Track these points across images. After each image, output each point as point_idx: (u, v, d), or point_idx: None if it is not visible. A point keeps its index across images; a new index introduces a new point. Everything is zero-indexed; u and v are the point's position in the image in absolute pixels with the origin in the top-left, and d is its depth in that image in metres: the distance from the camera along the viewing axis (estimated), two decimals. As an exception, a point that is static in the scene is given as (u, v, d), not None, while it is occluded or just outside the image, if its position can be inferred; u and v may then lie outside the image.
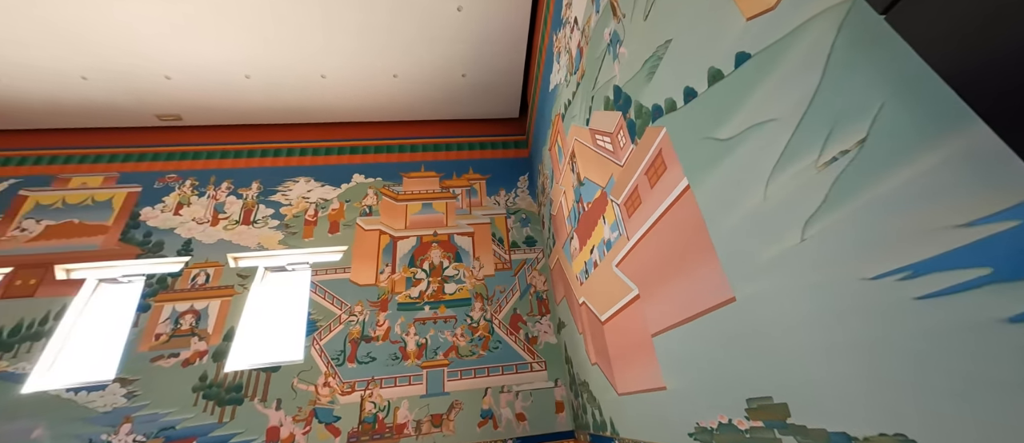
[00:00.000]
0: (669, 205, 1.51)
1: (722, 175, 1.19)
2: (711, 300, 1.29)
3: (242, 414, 3.19)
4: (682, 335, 1.49)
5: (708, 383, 1.35)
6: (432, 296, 3.85)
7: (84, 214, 4.00)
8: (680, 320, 1.50)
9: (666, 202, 1.53)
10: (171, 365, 3.35)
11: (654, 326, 1.71)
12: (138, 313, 3.55)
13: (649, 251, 1.71)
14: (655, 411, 1.79)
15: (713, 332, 1.30)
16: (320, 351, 3.50)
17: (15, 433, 2.99)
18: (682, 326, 1.48)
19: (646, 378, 1.83)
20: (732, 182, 1.15)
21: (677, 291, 1.50)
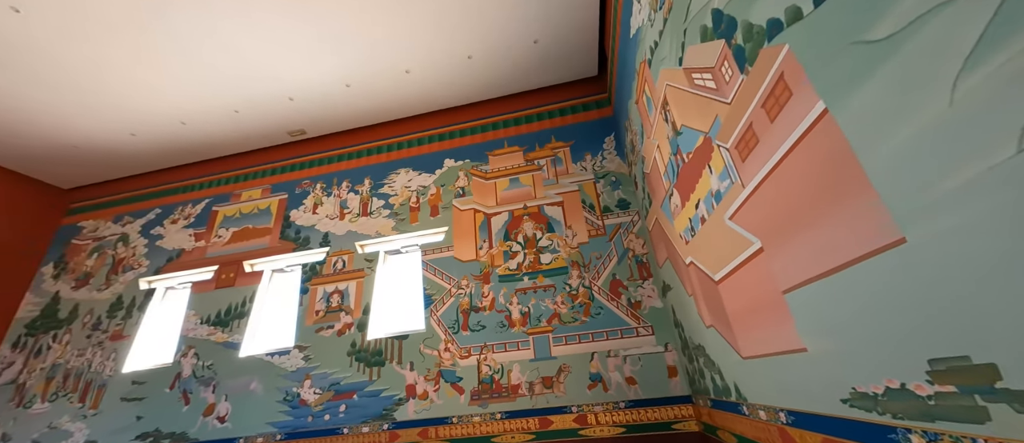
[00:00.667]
0: (798, 138, 1.27)
1: (877, 88, 0.95)
2: (868, 245, 1.07)
3: (385, 374, 3.80)
4: (826, 289, 1.28)
5: (867, 342, 1.14)
6: (529, 267, 3.98)
7: (254, 220, 5.08)
8: (822, 272, 1.28)
9: (793, 135, 1.29)
10: (329, 335, 4.13)
11: (785, 281, 1.50)
12: (301, 294, 4.43)
13: (773, 196, 1.48)
14: (792, 376, 1.59)
15: (872, 283, 1.08)
16: (438, 321, 3.93)
17: (240, 385, 4.06)
18: (825, 279, 1.27)
19: (778, 340, 1.63)
20: (894, 93, 0.91)
21: (815, 239, 1.28)
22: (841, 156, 1.11)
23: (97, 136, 4.96)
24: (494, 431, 3.38)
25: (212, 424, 3.94)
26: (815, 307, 1.36)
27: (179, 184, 5.64)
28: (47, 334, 4.89)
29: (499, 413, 3.43)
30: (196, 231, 5.19)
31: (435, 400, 3.60)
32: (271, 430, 3.79)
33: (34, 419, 4.38)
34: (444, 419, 3.51)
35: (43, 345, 4.82)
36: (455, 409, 3.52)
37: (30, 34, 3.59)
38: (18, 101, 4.31)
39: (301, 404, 3.85)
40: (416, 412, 3.59)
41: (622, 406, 3.24)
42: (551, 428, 3.30)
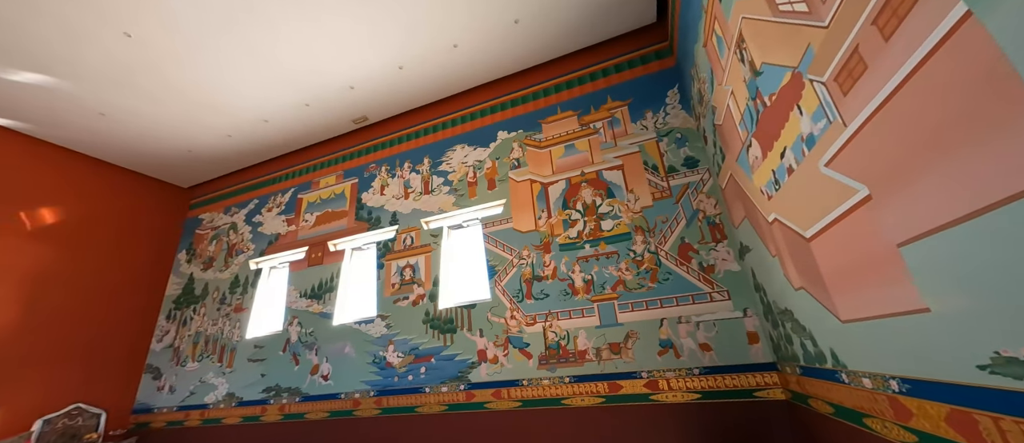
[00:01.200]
0: (926, 56, 1.04)
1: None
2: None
3: (458, 340, 4.07)
4: (960, 238, 1.07)
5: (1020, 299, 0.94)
6: (590, 234, 3.90)
7: (332, 204, 5.59)
8: (955, 219, 1.07)
9: (918, 54, 1.06)
10: (405, 305, 4.49)
11: (901, 233, 1.28)
12: (378, 269, 4.85)
13: (885, 134, 1.25)
14: (908, 339, 1.39)
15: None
16: (502, 290, 4.07)
17: (337, 349, 4.63)
18: (960, 225, 1.06)
19: (890, 300, 1.42)
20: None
21: (946, 179, 1.06)
22: (991, 72, 0.89)
23: (202, 140, 5.74)
24: (564, 393, 3.48)
25: (318, 381, 4.57)
26: (943, 260, 1.15)
27: (269, 177, 6.36)
28: (189, 307, 5.98)
29: (567, 377, 3.51)
30: (287, 217, 5.87)
31: (505, 364, 3.79)
32: (365, 387, 4.31)
33: (189, 375, 5.45)
34: (515, 381, 3.68)
35: (187, 316, 5.91)
36: (525, 373, 3.68)
37: (141, 56, 4.18)
38: (140, 117, 5.11)
39: (387, 366, 4.30)
40: (488, 375, 3.81)
41: (696, 372, 3.13)
42: (621, 392, 3.30)
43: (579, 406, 3.39)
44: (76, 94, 4.62)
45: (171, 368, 5.64)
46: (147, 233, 6.34)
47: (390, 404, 4.13)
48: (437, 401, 3.93)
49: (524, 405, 3.59)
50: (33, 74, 4.29)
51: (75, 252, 5.46)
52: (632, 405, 3.24)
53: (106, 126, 5.22)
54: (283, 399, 4.67)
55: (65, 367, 5.10)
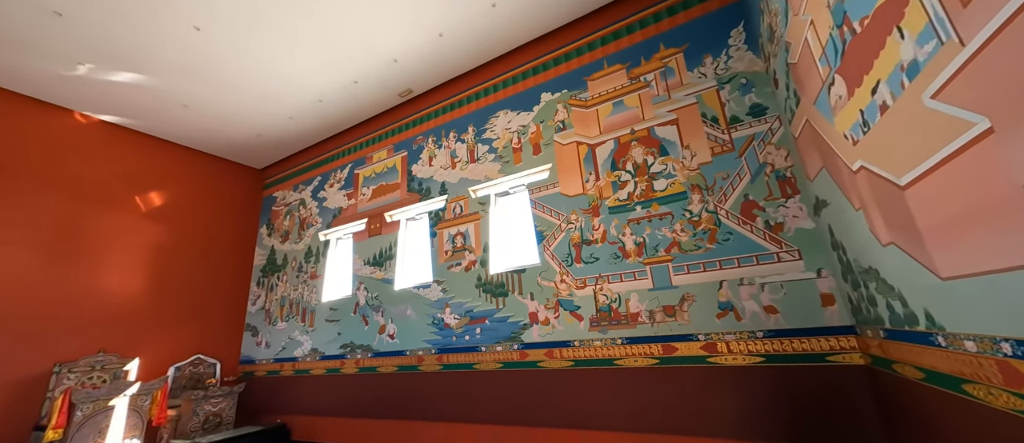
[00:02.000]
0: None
1: None
2: None
3: (510, 303, 4.21)
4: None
5: None
6: (641, 196, 3.74)
7: (386, 178, 5.88)
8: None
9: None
10: (458, 271, 4.70)
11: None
12: (431, 238, 5.09)
13: (1016, 51, 1.02)
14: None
15: None
16: (552, 255, 4.09)
17: (400, 311, 5.02)
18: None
19: (1009, 251, 1.21)
20: None
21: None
22: None
23: (267, 124, 6.24)
24: (615, 354, 3.50)
25: (386, 340, 5.03)
26: (1092, 202, 0.94)
27: (328, 154, 6.80)
28: (273, 275, 6.77)
29: (619, 339, 3.52)
30: (347, 192, 6.29)
31: (556, 326, 3.87)
32: (427, 346, 4.66)
33: (279, 332, 6.26)
34: (566, 342, 3.77)
35: (273, 283, 6.71)
36: (576, 334, 3.74)
37: (208, 48, 4.55)
38: (215, 106, 5.64)
39: (446, 327, 4.59)
40: (540, 336, 3.94)
41: (759, 336, 2.97)
42: (676, 354, 3.25)
43: (632, 367, 3.41)
44: (162, 88, 5.19)
45: (265, 327, 6.51)
46: (232, 211, 7.17)
47: (450, 361, 4.45)
48: (493, 359, 4.16)
49: (576, 365, 3.68)
50: (129, 73, 4.87)
51: (180, 229, 6.35)
52: (687, 367, 3.19)
53: (190, 116, 5.85)
54: (358, 354, 5.23)
55: (186, 325, 6.10)
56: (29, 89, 5.04)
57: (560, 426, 3.61)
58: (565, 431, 3.57)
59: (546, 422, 3.69)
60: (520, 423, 3.83)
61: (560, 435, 3.59)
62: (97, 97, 5.27)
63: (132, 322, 5.56)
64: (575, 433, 3.52)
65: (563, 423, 3.61)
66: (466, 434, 4.10)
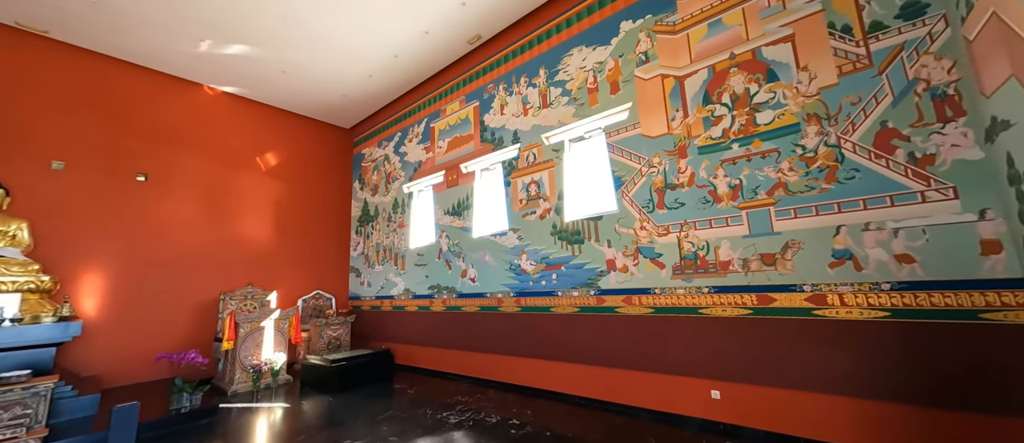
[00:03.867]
0: None
1: None
2: None
3: (586, 249, 4.20)
4: None
5: None
6: (739, 132, 3.29)
7: (459, 130, 6.00)
8: None
9: None
10: (533, 219, 4.77)
11: None
12: (505, 187, 5.18)
13: None
14: None
15: None
16: (631, 201, 3.91)
17: (479, 257, 5.33)
18: None
19: None
20: None
21: None
22: None
23: (350, 84, 6.66)
24: (701, 303, 3.34)
25: (468, 283, 5.44)
26: None
27: (406, 110, 7.11)
28: (368, 225, 7.60)
29: (706, 287, 3.33)
30: (425, 145, 6.59)
31: (635, 273, 3.78)
32: (505, 289, 4.94)
33: (377, 274, 7.14)
34: (646, 289, 3.69)
35: (368, 232, 7.55)
36: (656, 282, 3.63)
37: (300, 13, 4.87)
38: (306, 69, 6.15)
39: (522, 272, 4.78)
40: (618, 282, 3.90)
41: (885, 288, 2.57)
42: (773, 305, 2.99)
43: (719, 316, 3.23)
44: (265, 57, 5.78)
45: (365, 269, 7.46)
46: (331, 169, 8.03)
47: (527, 303, 4.68)
48: (569, 303, 4.27)
49: (656, 312, 3.61)
50: (238, 46, 5.48)
51: (292, 186, 7.34)
52: (786, 319, 2.92)
53: (288, 81, 6.49)
54: (444, 295, 5.76)
55: (306, 266, 7.26)
56: (171, 68, 6.00)
57: (639, 368, 3.66)
58: (644, 374, 3.62)
59: (623, 363, 3.77)
60: (597, 363, 3.96)
61: (639, 377, 3.65)
62: (218, 70, 6.09)
63: (267, 262, 6.77)
64: (655, 376, 3.54)
65: (641, 365, 3.64)
66: (544, 369, 4.39)
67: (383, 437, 3.32)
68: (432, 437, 3.30)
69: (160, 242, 5.70)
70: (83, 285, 5.02)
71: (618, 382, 3.79)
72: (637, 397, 3.65)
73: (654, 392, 3.54)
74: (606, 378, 3.88)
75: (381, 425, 3.63)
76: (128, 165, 5.56)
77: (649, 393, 3.57)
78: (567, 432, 3.29)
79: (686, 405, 3.34)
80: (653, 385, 3.55)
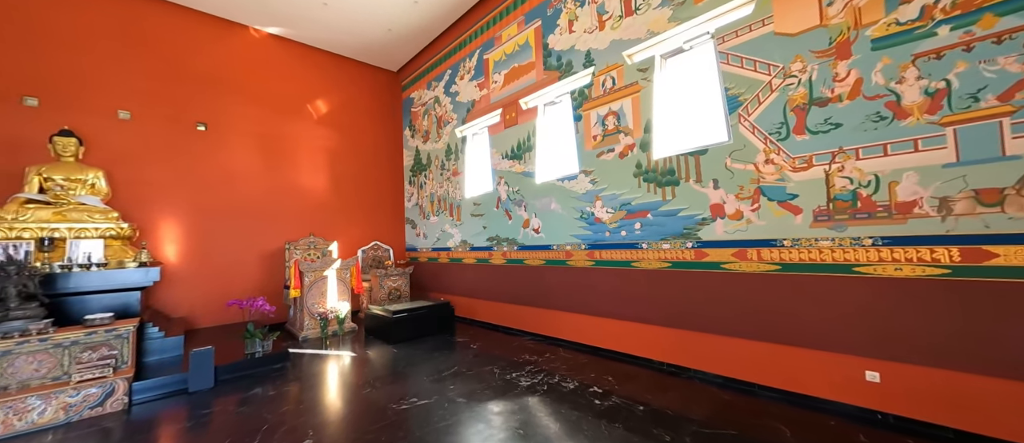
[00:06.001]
0: None
1: None
2: None
3: (682, 193, 3.39)
4: None
5: None
6: (949, 9, 2.19)
7: (518, 58, 5.18)
8: None
9: None
10: (611, 158, 3.99)
11: None
12: (575, 122, 4.38)
13: None
14: None
15: None
16: (751, 127, 2.98)
17: (543, 204, 4.72)
18: None
19: None
20: None
21: None
22: None
23: (394, 14, 5.98)
24: (859, 259, 2.49)
25: (531, 234, 4.90)
26: None
27: (456, 43, 6.35)
28: (421, 174, 7.24)
29: (867, 238, 2.45)
30: (478, 82, 5.88)
31: (754, 220, 2.96)
32: (575, 241, 4.33)
33: (432, 226, 6.86)
34: (770, 241, 2.87)
35: (421, 182, 7.21)
36: (787, 230, 2.79)
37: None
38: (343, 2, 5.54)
39: (596, 221, 4.11)
40: (727, 232, 3.11)
41: None
42: (990, 263, 2.08)
43: (890, 277, 2.37)
44: (306, -11, 5.24)
45: (421, 220, 7.22)
46: (381, 116, 7.65)
47: (602, 257, 4.05)
48: (657, 258, 3.57)
49: (784, 269, 2.81)
50: (276, -24, 4.97)
51: (343, 135, 7.09)
52: (1013, 283, 2.01)
53: (330, 17, 5.97)
54: (503, 247, 5.31)
55: (363, 217, 7.17)
56: (216, 9, 5.70)
57: (752, 337, 2.96)
58: (760, 344, 2.91)
59: (730, 330, 3.08)
60: (693, 328, 3.31)
61: (753, 348, 2.95)
62: (259, 6, 5.69)
63: (326, 212, 6.73)
64: (778, 348, 2.83)
65: (757, 334, 2.94)
66: (623, 331, 3.83)
67: (451, 398, 3.02)
68: (504, 401, 2.93)
69: (225, 191, 5.75)
70: (158, 233, 5.21)
71: (722, 351, 3.13)
72: (750, 371, 2.98)
73: (775, 367, 2.84)
74: (704, 345, 3.24)
75: (447, 383, 3.35)
76: (188, 114, 5.52)
77: (768, 368, 2.88)
78: (662, 405, 2.74)
79: (825, 387, 2.62)
80: (774, 358, 2.85)
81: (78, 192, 4.26)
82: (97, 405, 2.91)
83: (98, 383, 2.93)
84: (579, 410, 2.72)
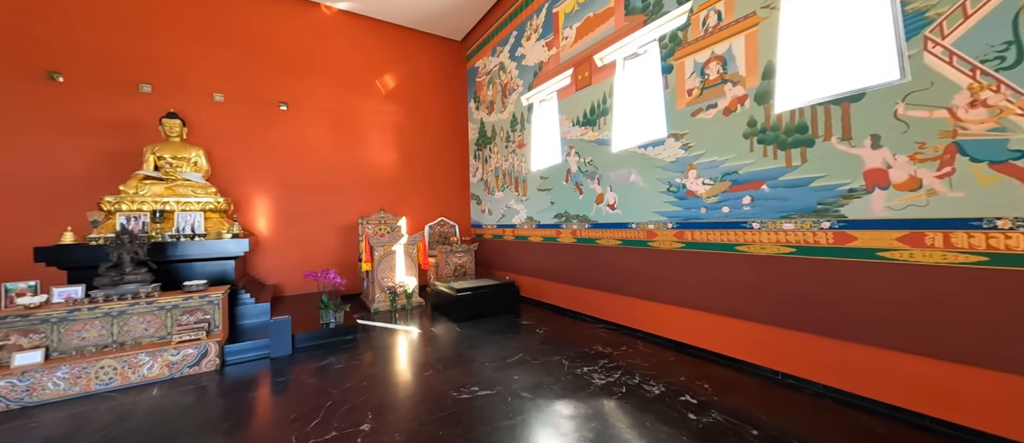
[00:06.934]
0: None
1: None
2: None
3: (818, 156, 2.56)
4: None
5: None
6: None
7: (592, 6, 4.47)
8: None
9: None
10: (712, 115, 3.21)
11: None
12: (664, 76, 3.63)
13: None
14: None
15: None
16: (947, 56, 2.05)
17: (620, 176, 4.09)
18: None
19: None
20: None
21: None
22: None
23: (460, -25, 5.57)
24: None
25: (605, 210, 4.32)
26: None
27: (521, 1, 5.78)
28: (485, 148, 6.95)
29: None
30: (546, 41, 5.28)
31: (940, 190, 2.07)
32: (660, 218, 3.67)
33: (497, 201, 6.57)
34: (968, 221, 1.98)
35: (486, 156, 6.92)
36: (1004, 205, 1.88)
37: None
38: (413, -38, 5.25)
39: (689, 195, 3.40)
40: (891, 208, 2.25)
41: None
42: None
43: None
44: (368, -45, 5.05)
45: (485, 196, 6.98)
46: (446, 89, 7.45)
47: (696, 238, 3.36)
48: (775, 241, 2.80)
49: (994, 262, 1.92)
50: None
51: (409, 109, 7.03)
52: None
53: (395, -14, 5.77)
54: (573, 225, 4.80)
55: (429, 193, 7.16)
56: (290, -10, 5.84)
57: (934, 355, 2.13)
58: (948, 365, 2.08)
59: (893, 342, 2.27)
60: (828, 334, 2.54)
61: (934, 368, 2.13)
62: (329, -16, 5.70)
63: (395, 188, 6.82)
64: (981, 373, 1.99)
65: (942, 351, 2.10)
66: (723, 328, 3.15)
67: (515, 391, 2.70)
68: (575, 401, 2.53)
69: (305, 167, 6.05)
70: (250, 206, 5.66)
71: (873, 367, 2.34)
72: (916, 397, 2.17)
73: (975, 400, 2.01)
74: (844, 356, 2.46)
75: (511, 371, 3.05)
76: (271, 94, 5.82)
77: (962, 400, 2.05)
78: (785, 431, 2.11)
79: (1066, 439, 1.76)
80: (973, 387, 2.01)
81: (183, 169, 4.70)
82: (194, 365, 3.15)
83: (194, 345, 3.16)
84: (670, 425, 2.21)
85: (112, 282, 3.21)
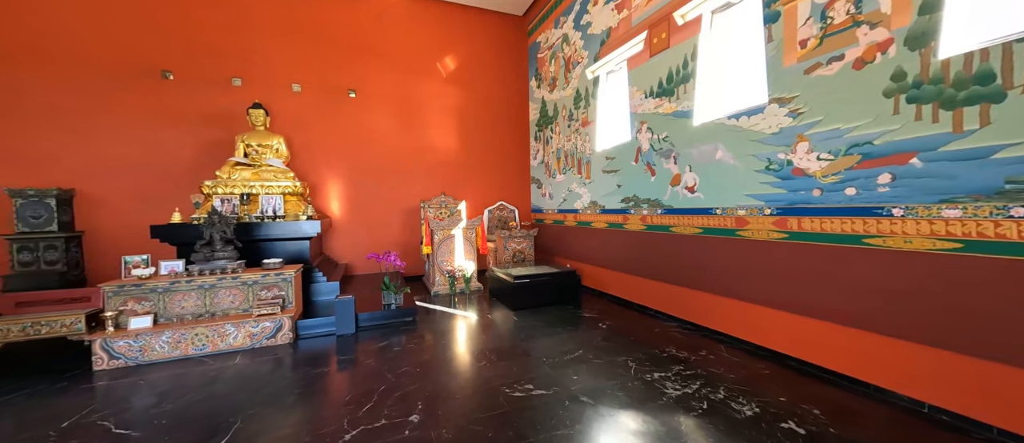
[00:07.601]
0: None
1: None
2: None
3: (1005, 115, 1.82)
4: None
5: None
6: None
7: (674, -45, 3.82)
8: None
9: None
10: (835, 71, 2.51)
11: None
12: (766, 26, 2.94)
13: None
14: None
15: None
16: None
17: (703, 153, 3.50)
18: None
19: None
20: None
21: None
22: None
23: (521, -60, 5.18)
24: None
25: (682, 193, 3.76)
26: None
27: (588, -40, 5.24)
28: (547, 128, 6.59)
29: None
30: (616, 3, 4.71)
31: None
32: (755, 203, 3.05)
33: (559, 185, 6.22)
34: None
35: (548, 136, 6.57)
36: None
37: None
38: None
39: (796, 174, 2.75)
40: None
41: None
42: None
43: None
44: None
45: (546, 179, 6.66)
46: (507, 68, 7.19)
47: (803, 227, 2.71)
48: (929, 233, 2.11)
49: None
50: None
51: (470, 92, 6.90)
52: None
53: (454, -38, 5.56)
54: (644, 210, 4.30)
55: (489, 177, 7.03)
56: (356, -22, 5.96)
57: None
58: None
59: None
60: (1008, 361, 1.84)
61: None
62: (391, -33, 5.68)
63: (455, 172, 6.80)
64: None
65: None
66: (842, 341, 2.53)
67: (574, 394, 2.43)
68: (643, 414, 2.18)
69: (371, 151, 6.27)
70: (324, 190, 6.02)
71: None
72: None
73: None
74: (1043, 398, 1.76)
75: (569, 370, 2.78)
76: (341, 82, 6.07)
77: None
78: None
79: None
80: None
81: (266, 156, 5.10)
82: (271, 337, 3.38)
83: (270, 319, 3.38)
84: (769, 461, 1.77)
85: (205, 258, 3.55)
